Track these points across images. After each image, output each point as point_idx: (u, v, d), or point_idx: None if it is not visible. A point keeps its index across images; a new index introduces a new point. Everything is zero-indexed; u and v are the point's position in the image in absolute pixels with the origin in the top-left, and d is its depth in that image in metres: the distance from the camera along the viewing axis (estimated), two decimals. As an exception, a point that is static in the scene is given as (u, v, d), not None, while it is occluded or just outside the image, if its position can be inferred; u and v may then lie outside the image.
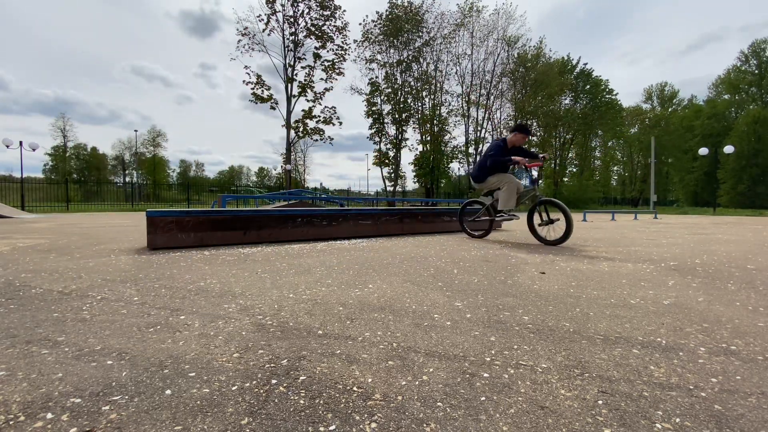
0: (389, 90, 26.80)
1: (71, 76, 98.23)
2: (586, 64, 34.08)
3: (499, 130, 29.94)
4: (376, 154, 28.12)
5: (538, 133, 31.34)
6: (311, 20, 24.28)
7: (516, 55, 26.58)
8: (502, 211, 4.57)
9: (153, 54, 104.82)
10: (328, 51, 24.75)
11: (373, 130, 27.54)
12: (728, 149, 19.05)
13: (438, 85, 27.00)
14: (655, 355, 1.18)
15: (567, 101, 32.04)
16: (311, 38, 24.54)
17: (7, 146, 15.15)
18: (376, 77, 27.06)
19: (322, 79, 25.07)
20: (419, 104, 27.31)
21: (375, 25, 25.83)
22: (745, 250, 3.78)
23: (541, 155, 4.47)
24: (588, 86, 32.81)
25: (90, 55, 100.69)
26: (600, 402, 0.90)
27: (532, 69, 26.65)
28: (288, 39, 24.36)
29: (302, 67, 24.77)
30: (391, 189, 28.02)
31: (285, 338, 1.29)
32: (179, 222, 3.66)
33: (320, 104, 25.14)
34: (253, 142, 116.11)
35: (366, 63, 26.75)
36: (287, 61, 24.53)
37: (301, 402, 0.89)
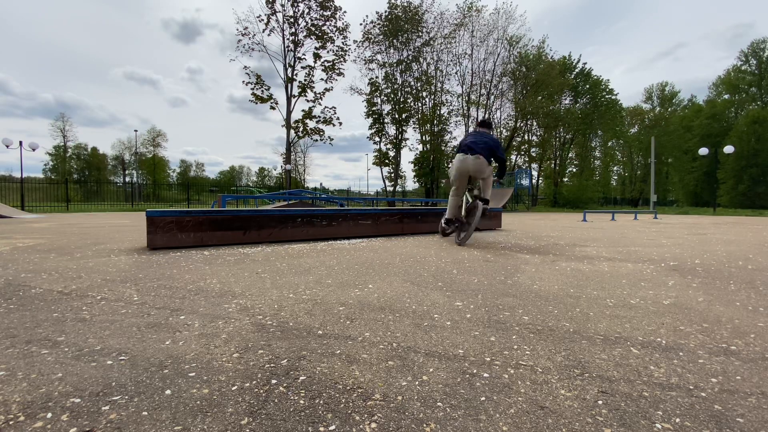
0: (389, 90, 26.80)
1: (70, 79, 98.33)
2: (585, 63, 34.15)
3: (499, 130, 29.92)
4: (376, 154, 28.13)
5: (539, 133, 31.33)
6: (311, 20, 24.28)
7: (517, 55, 26.56)
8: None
9: (145, 57, 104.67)
10: (328, 51, 24.75)
11: (373, 130, 27.54)
12: (728, 149, 19.03)
13: (438, 84, 27.00)
14: (655, 355, 1.18)
15: (567, 101, 32.02)
16: (311, 38, 24.55)
17: (7, 146, 15.13)
18: (376, 77, 27.05)
19: (322, 79, 25.06)
20: (419, 104, 27.30)
21: (375, 26, 25.83)
22: (745, 250, 3.77)
23: None
24: (588, 86, 32.82)
25: (88, 58, 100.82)
26: (600, 402, 0.90)
27: (532, 69, 26.63)
28: (288, 39, 24.36)
29: (302, 68, 24.79)
30: (391, 189, 28.01)
31: (285, 338, 1.29)
32: (179, 222, 3.66)
33: (320, 104, 25.17)
34: (247, 143, 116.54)
35: (366, 63, 26.73)
36: (287, 61, 24.53)
37: (301, 402, 0.89)
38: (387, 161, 27.96)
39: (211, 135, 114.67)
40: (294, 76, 24.64)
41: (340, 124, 26.14)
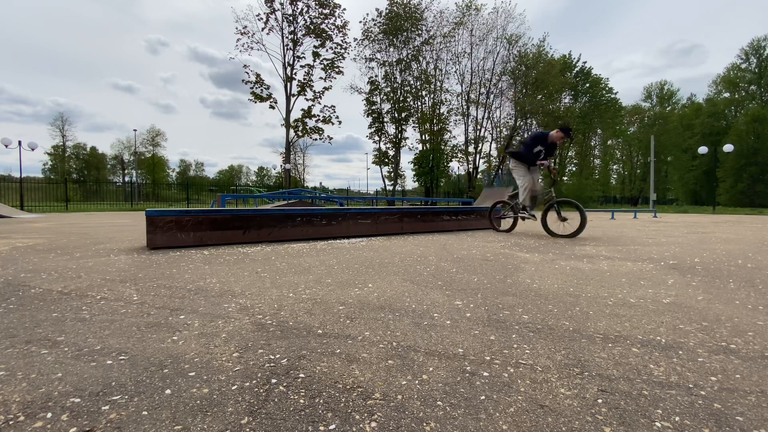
0: (389, 89, 26.79)
1: (71, 85, 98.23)
2: (585, 62, 34.19)
3: (498, 129, 29.89)
4: (375, 153, 28.14)
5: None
6: (310, 18, 24.26)
7: (516, 53, 26.53)
8: (524, 207, 5.08)
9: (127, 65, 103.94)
10: (327, 50, 24.74)
11: (372, 129, 27.55)
12: (728, 148, 19.03)
13: (438, 83, 26.98)
14: (654, 354, 1.18)
15: (567, 100, 32.02)
16: (310, 37, 24.53)
17: (6, 146, 15.10)
18: (376, 76, 27.06)
19: (321, 78, 25.06)
20: (419, 103, 27.30)
21: (375, 24, 25.81)
22: (744, 249, 3.78)
23: (543, 162, 4.93)
24: (587, 85, 32.82)
25: (83, 63, 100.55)
26: (600, 401, 0.90)
27: (532, 68, 26.60)
28: (287, 38, 24.35)
29: (301, 66, 24.78)
30: (391, 188, 28.01)
31: (285, 338, 1.29)
32: (179, 221, 3.65)
33: (319, 103, 25.17)
34: (239, 145, 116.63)
35: (366, 62, 26.73)
36: (286, 60, 24.53)
37: (301, 401, 0.89)
38: (387, 160, 27.96)
39: (203, 138, 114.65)
40: (293, 75, 24.62)
41: (339, 123, 26.15)
